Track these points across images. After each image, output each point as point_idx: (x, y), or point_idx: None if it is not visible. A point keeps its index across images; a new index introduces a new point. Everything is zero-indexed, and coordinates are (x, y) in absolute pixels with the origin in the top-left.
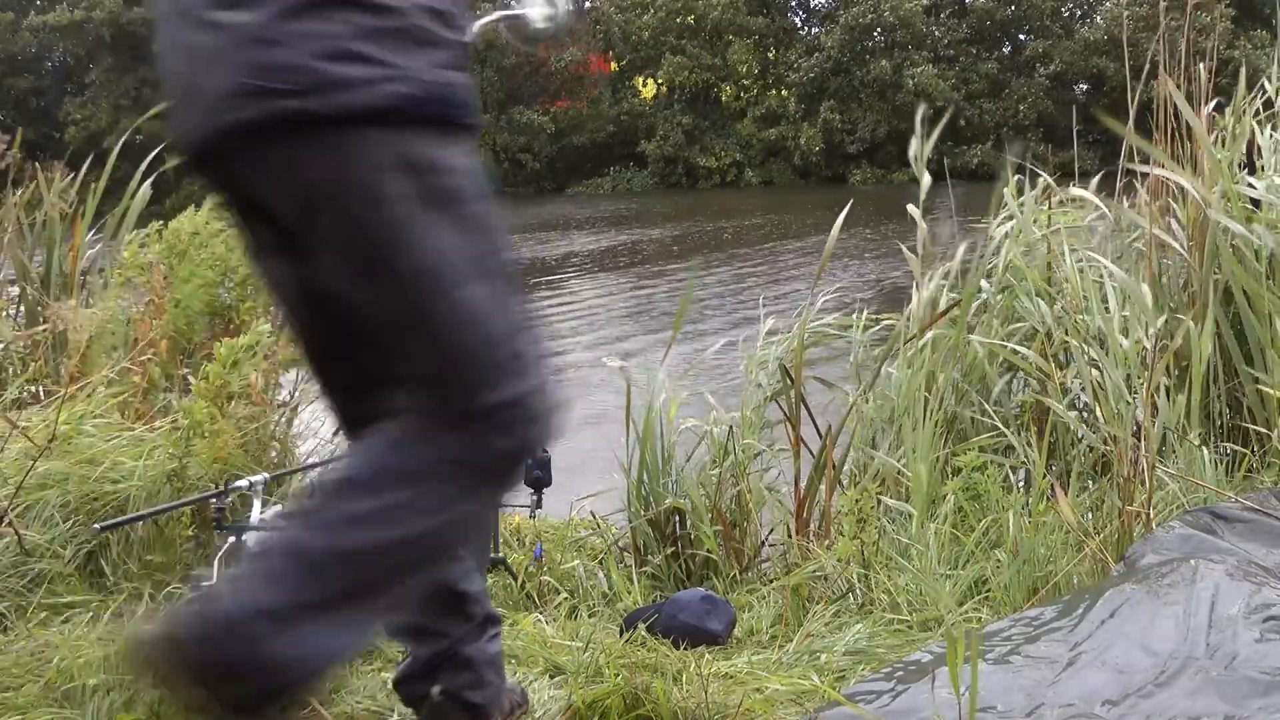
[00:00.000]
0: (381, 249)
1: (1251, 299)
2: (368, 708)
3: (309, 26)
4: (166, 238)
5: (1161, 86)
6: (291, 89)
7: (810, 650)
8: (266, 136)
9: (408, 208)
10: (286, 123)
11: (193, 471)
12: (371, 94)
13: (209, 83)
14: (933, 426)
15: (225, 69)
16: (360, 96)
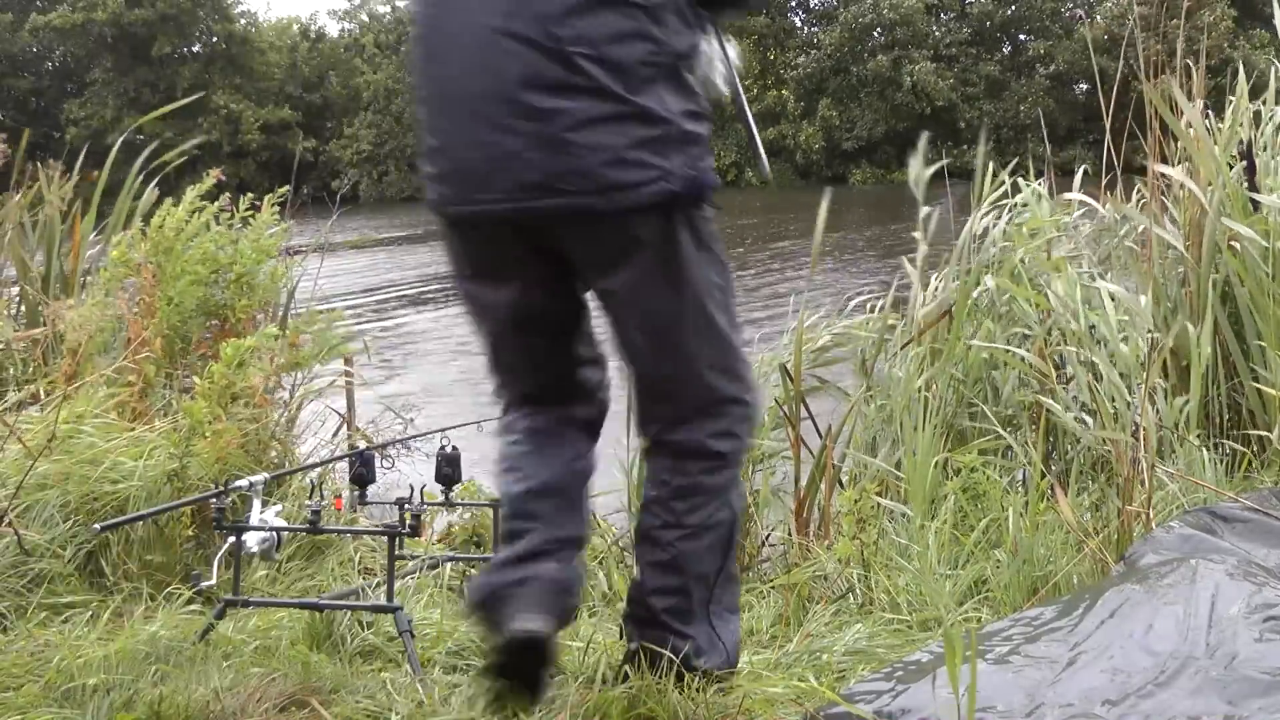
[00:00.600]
0: (676, 278)
1: (1253, 298)
2: (367, 708)
3: (595, 138)
4: (152, 236)
5: (1155, 86)
6: (580, 190)
7: (810, 650)
8: (562, 220)
9: (689, 251)
10: (577, 214)
11: (193, 471)
12: (645, 194)
13: (506, 176)
14: (932, 427)
15: (523, 167)
16: (636, 197)
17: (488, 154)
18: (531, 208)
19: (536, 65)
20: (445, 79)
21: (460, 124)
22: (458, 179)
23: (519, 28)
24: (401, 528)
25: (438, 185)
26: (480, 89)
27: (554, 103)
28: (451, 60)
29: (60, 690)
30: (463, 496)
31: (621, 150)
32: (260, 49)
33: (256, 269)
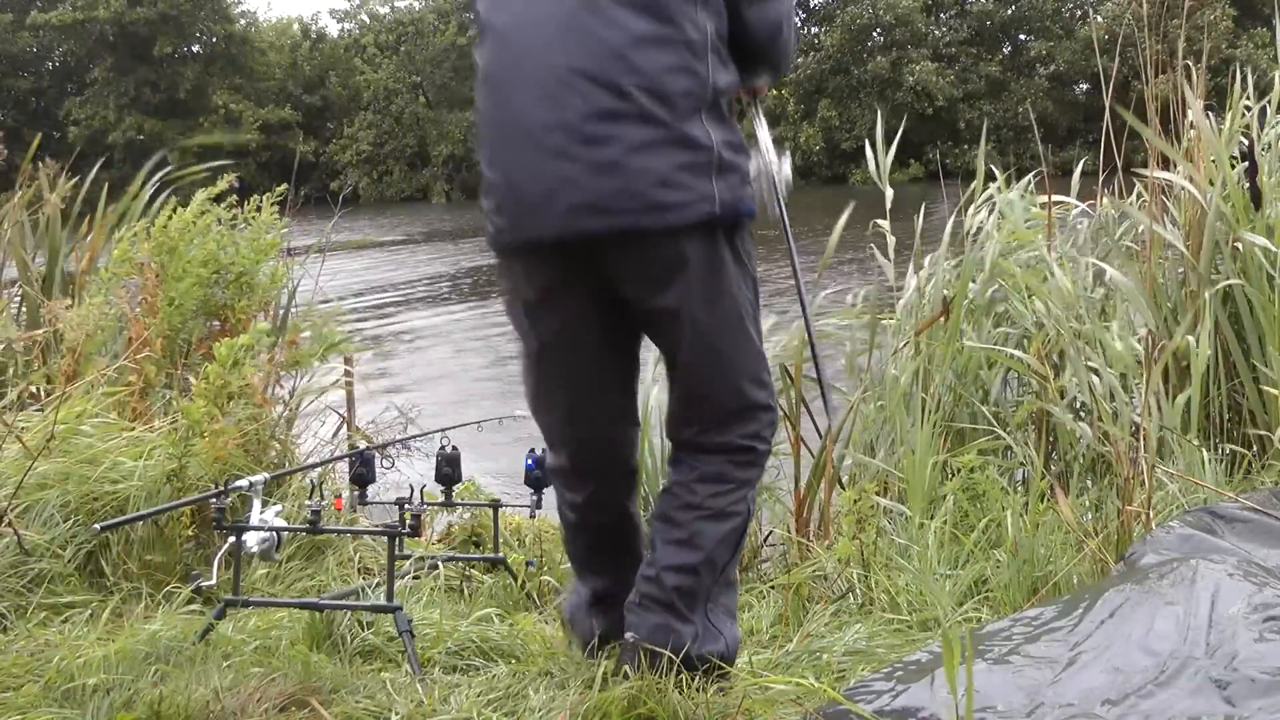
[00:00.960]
0: (718, 294)
1: (1252, 300)
2: (367, 708)
3: (643, 162)
4: (155, 235)
5: (1156, 86)
6: (630, 210)
7: (810, 650)
8: (614, 241)
9: (730, 269)
10: (628, 233)
11: (192, 471)
12: (690, 214)
13: (562, 200)
14: (931, 427)
15: (577, 191)
16: (681, 216)
17: (545, 181)
18: (586, 229)
19: (595, 97)
20: (513, 115)
21: (522, 155)
22: (516, 208)
23: (584, 64)
24: (401, 528)
25: (497, 217)
26: (544, 121)
27: (608, 130)
28: (520, 98)
29: (60, 690)
30: (463, 496)
31: (667, 173)
32: (260, 49)
33: (256, 269)
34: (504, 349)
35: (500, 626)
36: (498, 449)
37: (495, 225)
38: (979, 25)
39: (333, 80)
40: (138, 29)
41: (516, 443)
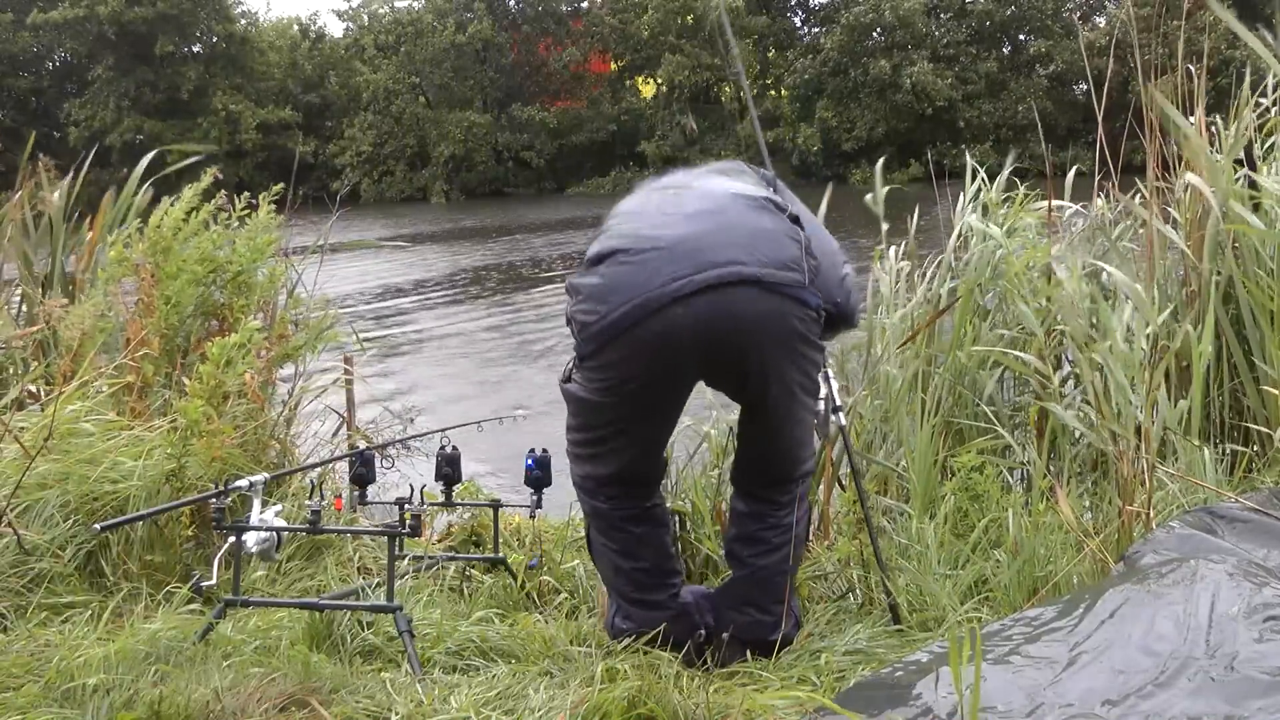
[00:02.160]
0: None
1: (1253, 296)
2: (367, 708)
3: (791, 236)
4: (149, 235)
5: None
6: (780, 269)
7: (810, 650)
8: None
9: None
10: (774, 285)
11: (191, 471)
12: (808, 291)
13: (748, 252)
14: (930, 427)
15: (765, 245)
16: (805, 292)
17: (732, 235)
18: (757, 276)
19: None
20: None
21: (706, 208)
22: (686, 255)
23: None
24: (401, 528)
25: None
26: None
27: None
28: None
29: (60, 690)
30: (463, 496)
31: (798, 251)
32: (260, 49)
33: (253, 268)
34: (504, 349)
35: (500, 626)
36: (498, 449)
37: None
38: (979, 25)
39: (332, 80)
40: (137, 28)
41: (517, 443)
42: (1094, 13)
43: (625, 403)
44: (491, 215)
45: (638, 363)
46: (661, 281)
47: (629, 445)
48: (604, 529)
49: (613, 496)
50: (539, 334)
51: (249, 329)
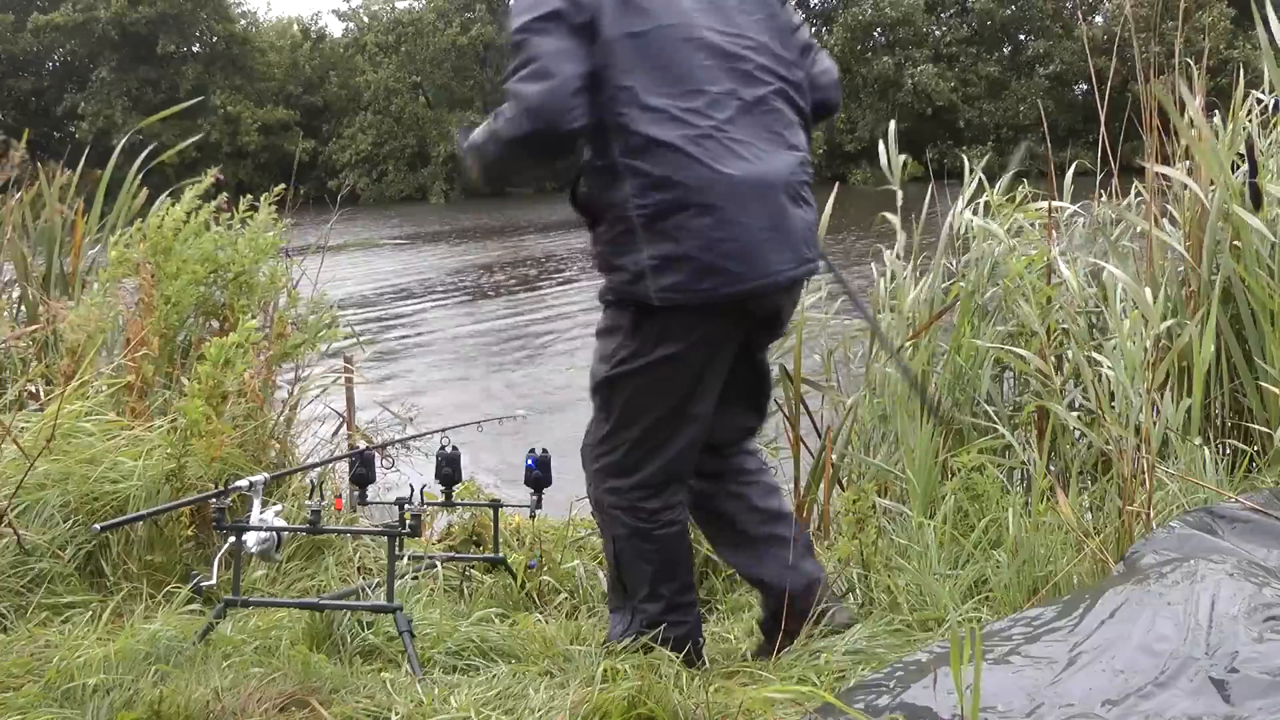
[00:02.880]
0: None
1: (1255, 296)
2: (367, 708)
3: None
4: (150, 235)
5: (1156, 86)
6: (813, 259)
7: (810, 650)
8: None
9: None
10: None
11: (191, 471)
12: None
13: (796, 247)
14: (930, 426)
15: (806, 240)
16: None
17: (788, 228)
18: (806, 271)
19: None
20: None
21: (764, 197)
22: (763, 247)
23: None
24: (401, 528)
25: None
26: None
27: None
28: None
29: (60, 690)
30: (463, 496)
31: (811, 236)
32: (260, 49)
33: (255, 269)
34: (504, 349)
35: (500, 626)
36: (498, 449)
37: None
38: (979, 24)
39: (333, 80)
40: (139, 29)
41: (517, 443)
42: (1093, 12)
43: (695, 380)
44: (491, 215)
45: (722, 339)
46: (771, 270)
47: (688, 427)
48: (641, 541)
49: (657, 499)
50: (538, 334)
51: (247, 328)
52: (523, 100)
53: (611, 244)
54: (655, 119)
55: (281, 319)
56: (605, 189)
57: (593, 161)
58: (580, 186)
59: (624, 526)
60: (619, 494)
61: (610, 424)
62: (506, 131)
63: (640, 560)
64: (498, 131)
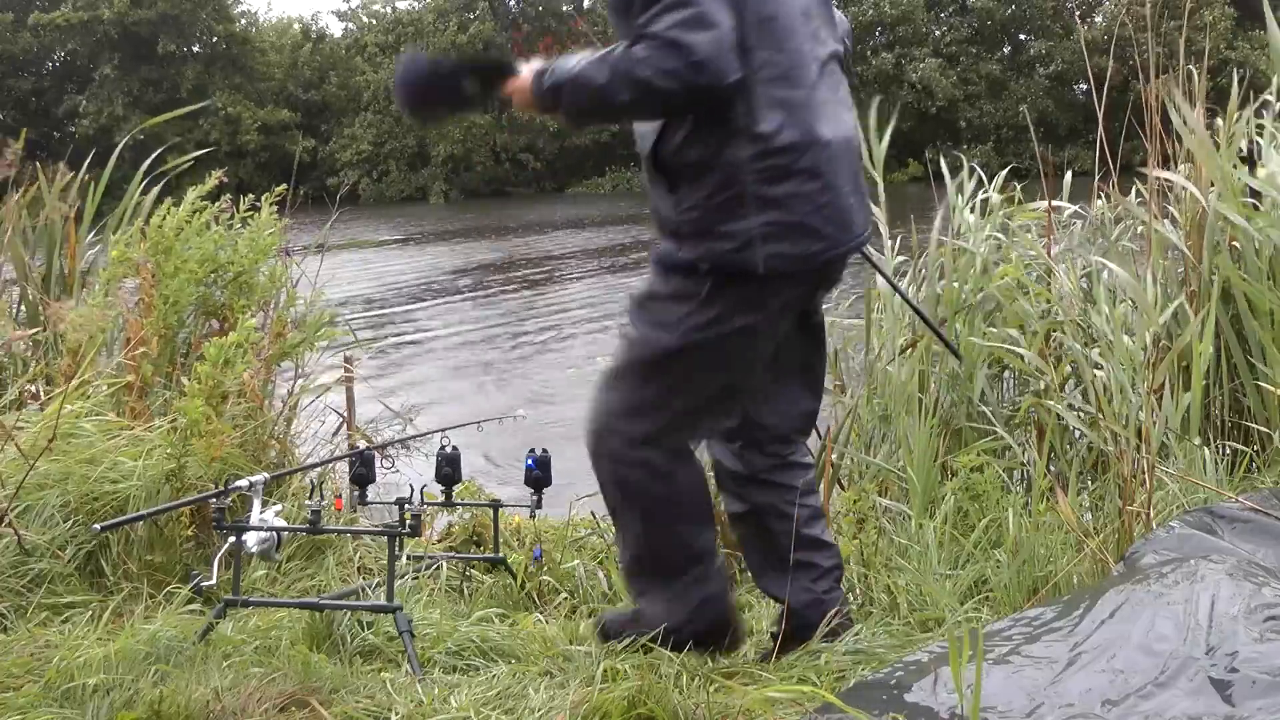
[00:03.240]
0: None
1: (1251, 298)
2: (367, 708)
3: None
4: (150, 235)
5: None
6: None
7: (810, 650)
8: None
9: None
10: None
11: (191, 471)
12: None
13: (868, 209)
14: (929, 426)
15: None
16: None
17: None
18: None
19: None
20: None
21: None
22: (844, 218)
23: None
24: (401, 528)
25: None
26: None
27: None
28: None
29: (60, 690)
30: (463, 496)
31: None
32: (260, 49)
33: (255, 269)
34: (504, 349)
35: (500, 626)
36: (498, 449)
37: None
38: (979, 24)
39: (333, 80)
40: (140, 29)
41: (517, 443)
42: (1092, 11)
43: (765, 351)
44: (491, 215)
45: (798, 306)
46: (856, 232)
47: (740, 401)
48: (670, 483)
49: (682, 457)
50: (539, 334)
51: (246, 327)
52: (690, 51)
53: (717, 210)
54: (771, 78)
55: (280, 318)
56: (719, 151)
57: (706, 121)
58: (670, 145)
59: (657, 481)
60: (648, 466)
61: (655, 393)
62: (661, 81)
63: (677, 512)
64: (642, 79)
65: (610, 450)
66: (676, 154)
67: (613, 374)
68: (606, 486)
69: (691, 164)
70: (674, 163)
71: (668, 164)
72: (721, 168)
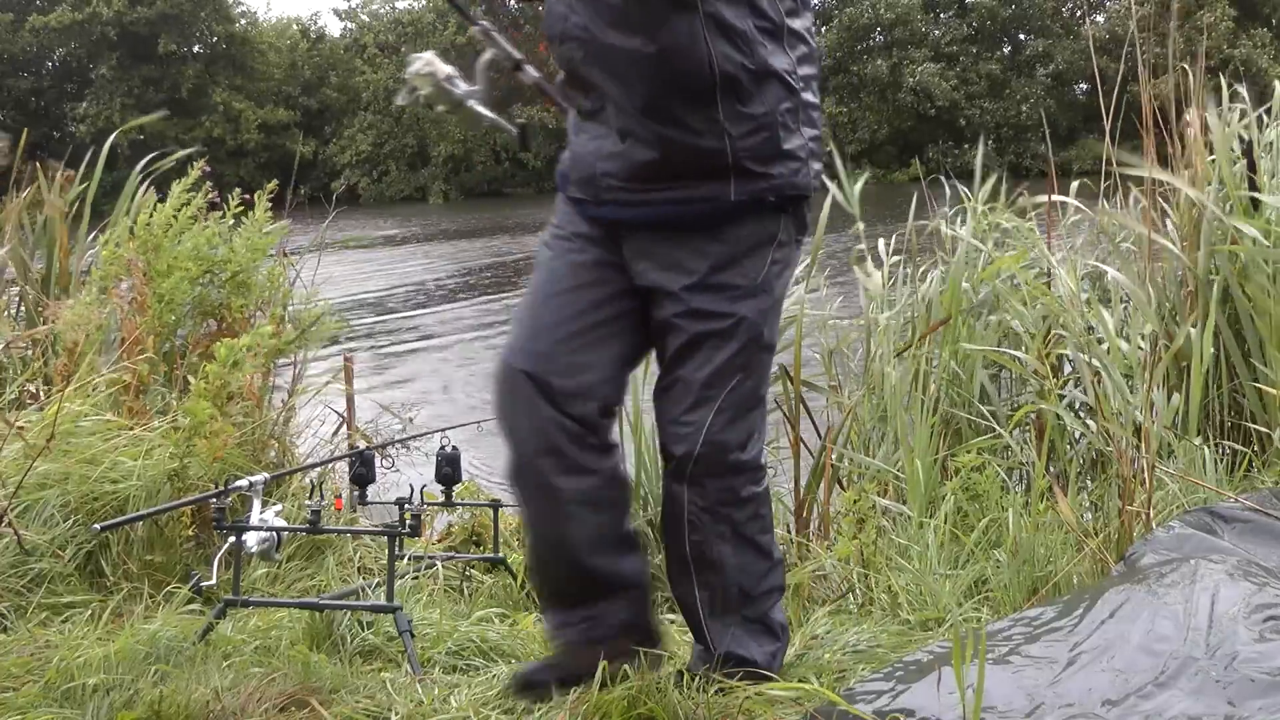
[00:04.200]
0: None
1: (1252, 298)
2: (367, 708)
3: None
4: (139, 233)
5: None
6: None
7: (810, 650)
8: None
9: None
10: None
11: (192, 471)
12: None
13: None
14: (929, 426)
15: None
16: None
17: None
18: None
19: None
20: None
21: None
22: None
23: None
24: (401, 528)
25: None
26: None
27: None
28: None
29: (60, 690)
30: (463, 496)
31: None
32: (260, 49)
33: (253, 268)
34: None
35: (500, 626)
36: (498, 449)
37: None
38: (979, 24)
39: (333, 80)
40: (139, 28)
41: None
42: (1094, 11)
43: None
44: (491, 215)
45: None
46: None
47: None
48: (763, 506)
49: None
50: None
51: (261, 332)
52: None
53: (780, 126)
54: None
55: (274, 316)
56: (772, 53)
57: (751, 12)
58: (720, 51)
59: (753, 505)
60: (753, 469)
61: (765, 369)
62: None
63: (765, 533)
64: None
65: (725, 490)
66: (730, 60)
67: (706, 387)
68: (704, 528)
69: (753, 72)
70: (729, 72)
71: (723, 75)
72: (780, 76)
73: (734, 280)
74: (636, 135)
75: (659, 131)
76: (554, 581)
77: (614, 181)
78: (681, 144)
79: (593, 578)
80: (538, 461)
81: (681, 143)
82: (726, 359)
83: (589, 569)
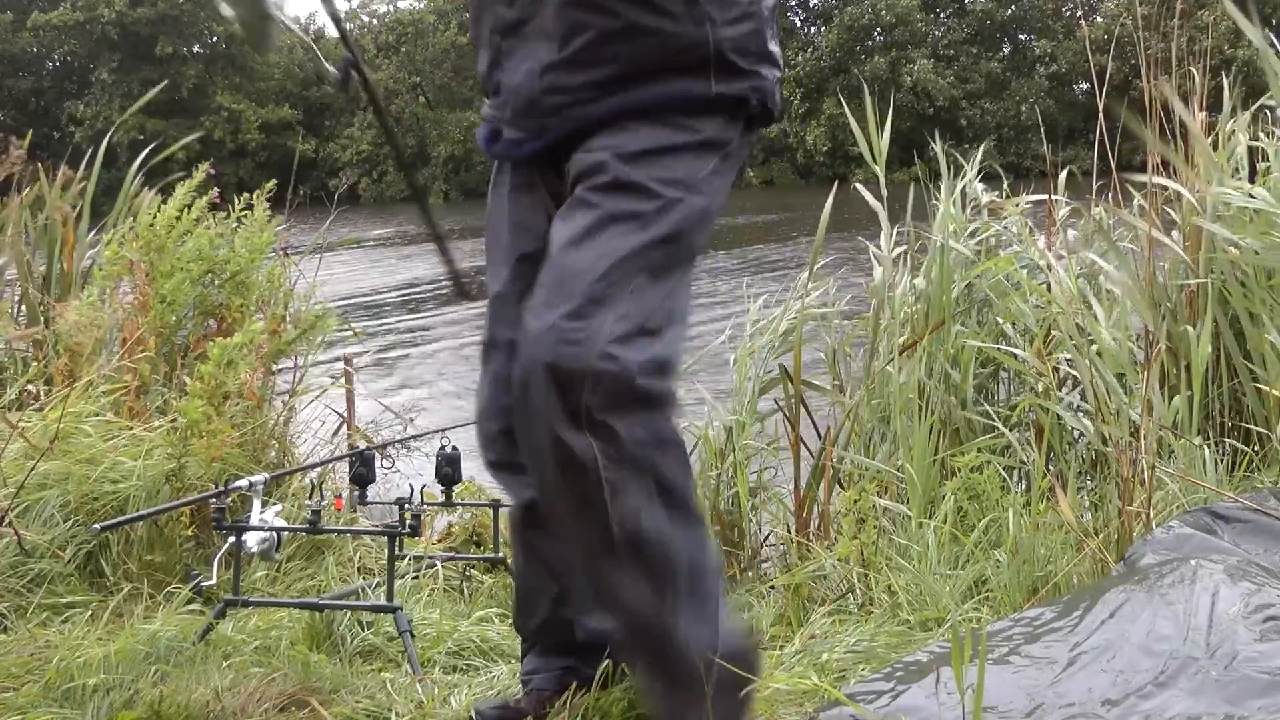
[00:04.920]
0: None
1: (1250, 298)
2: (367, 708)
3: None
4: (142, 234)
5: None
6: None
7: (811, 650)
8: None
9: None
10: None
11: (191, 471)
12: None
13: None
14: (928, 426)
15: None
16: None
17: None
18: None
19: None
20: None
21: None
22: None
23: None
24: (401, 528)
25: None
26: None
27: None
28: None
29: (60, 690)
30: (463, 496)
31: None
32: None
33: (252, 268)
34: None
35: (500, 626)
36: None
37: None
38: (979, 25)
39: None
40: (139, 29)
41: None
42: (1094, 11)
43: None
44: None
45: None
46: None
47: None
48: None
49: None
50: None
51: (252, 330)
52: None
53: (767, 24)
54: None
55: (275, 316)
56: None
57: None
58: None
59: (677, 451)
60: (671, 404)
61: (680, 288)
62: None
63: (693, 493)
64: None
65: (643, 429)
66: None
67: (603, 281)
68: (626, 489)
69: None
70: None
71: None
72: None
73: (674, 169)
74: (587, 26)
75: (624, 14)
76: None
77: (562, 98)
78: (652, 30)
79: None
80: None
81: (652, 28)
82: (638, 246)
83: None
